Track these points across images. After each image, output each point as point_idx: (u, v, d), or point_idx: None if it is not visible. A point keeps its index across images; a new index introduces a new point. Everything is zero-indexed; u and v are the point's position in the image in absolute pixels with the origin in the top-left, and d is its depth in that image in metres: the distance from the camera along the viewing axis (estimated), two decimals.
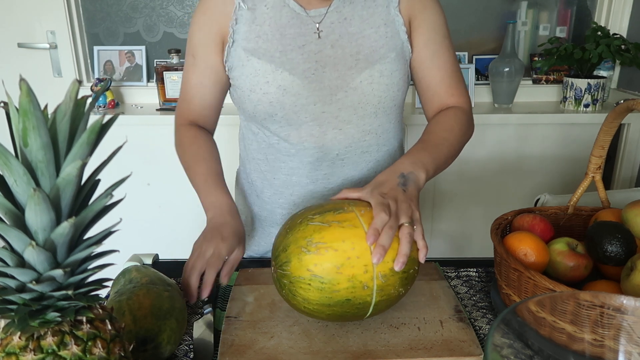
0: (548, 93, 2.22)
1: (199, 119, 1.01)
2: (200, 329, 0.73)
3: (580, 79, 2.00)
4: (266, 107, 0.92)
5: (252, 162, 1.04)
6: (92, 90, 2.07)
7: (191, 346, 0.73)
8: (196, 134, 0.99)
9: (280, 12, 0.91)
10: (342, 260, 0.64)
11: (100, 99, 2.04)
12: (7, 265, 0.48)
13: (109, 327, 0.54)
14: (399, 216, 0.69)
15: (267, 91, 0.90)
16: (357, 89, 0.91)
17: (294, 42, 0.90)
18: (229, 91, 1.01)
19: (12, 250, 0.48)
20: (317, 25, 0.91)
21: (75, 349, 0.50)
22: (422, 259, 0.69)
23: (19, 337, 0.50)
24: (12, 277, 0.48)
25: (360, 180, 0.99)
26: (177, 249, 2.09)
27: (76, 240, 0.51)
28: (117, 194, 0.51)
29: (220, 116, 1.06)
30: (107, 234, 0.52)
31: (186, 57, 0.98)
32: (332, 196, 0.99)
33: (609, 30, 2.01)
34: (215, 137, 1.04)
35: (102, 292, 0.58)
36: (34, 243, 0.46)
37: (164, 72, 2.01)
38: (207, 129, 1.03)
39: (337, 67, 0.91)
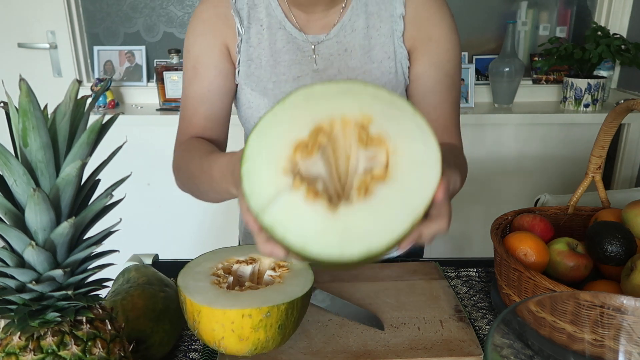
0: (548, 93, 2.22)
1: (204, 133, 0.86)
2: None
3: (580, 79, 2.00)
4: None
5: None
6: (92, 90, 2.07)
7: (192, 346, 0.73)
8: (191, 141, 0.85)
9: (275, 34, 0.84)
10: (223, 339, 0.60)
11: (100, 99, 2.04)
12: (7, 265, 0.48)
13: (109, 327, 0.54)
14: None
15: None
16: None
17: (289, 71, 0.84)
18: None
19: (12, 250, 0.48)
20: (315, 57, 0.84)
21: (75, 349, 0.50)
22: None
23: (19, 337, 0.50)
24: (12, 277, 0.48)
25: None
26: (177, 249, 2.11)
27: (76, 240, 0.51)
28: (117, 194, 0.51)
29: None
30: (107, 234, 0.52)
31: (185, 74, 0.87)
32: None
33: (609, 30, 2.01)
34: None
35: (102, 292, 0.58)
36: (33, 243, 0.46)
37: (164, 72, 2.01)
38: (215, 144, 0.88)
39: None
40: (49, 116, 0.48)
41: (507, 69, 2.01)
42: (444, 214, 0.47)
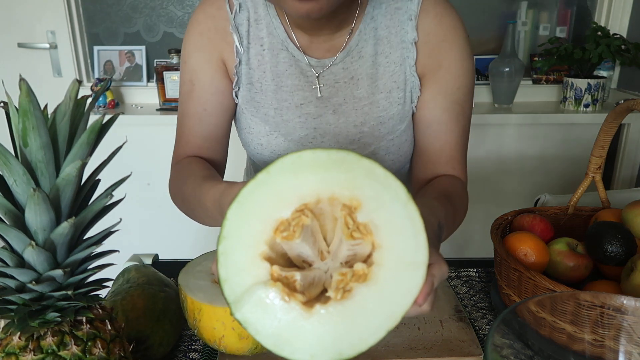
0: (548, 93, 2.22)
1: (201, 152, 0.83)
2: None
3: (580, 79, 2.00)
4: (260, 162, 0.87)
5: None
6: (92, 90, 2.07)
7: (192, 346, 0.73)
8: (186, 163, 0.80)
9: (277, 56, 0.79)
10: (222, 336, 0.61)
11: (100, 99, 2.04)
12: (7, 265, 0.48)
13: (109, 327, 0.54)
14: None
15: (261, 152, 0.84)
16: None
17: (291, 98, 0.80)
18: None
19: (12, 250, 0.48)
20: (320, 86, 0.79)
21: (75, 349, 0.50)
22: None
23: (19, 337, 0.50)
24: (12, 277, 0.48)
25: None
26: (177, 249, 2.10)
27: (76, 240, 0.51)
28: (117, 194, 0.51)
29: None
30: (107, 234, 0.52)
31: (181, 85, 0.83)
32: None
33: (609, 30, 2.01)
34: None
35: (102, 292, 0.58)
36: (33, 243, 0.46)
37: (164, 72, 2.01)
38: (214, 165, 0.84)
39: (338, 139, 0.80)
40: (49, 116, 0.48)
41: (507, 69, 2.01)
42: (427, 302, 0.44)
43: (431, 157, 0.81)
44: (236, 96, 0.83)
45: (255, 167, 0.97)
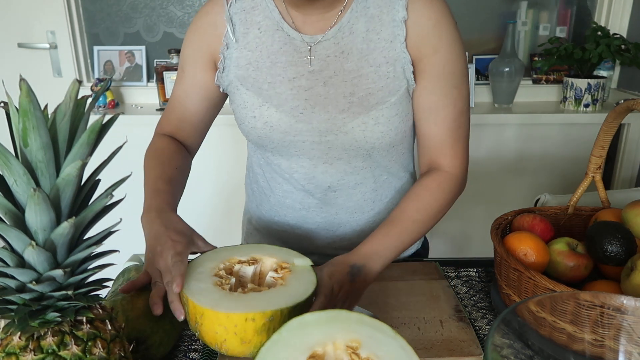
0: (548, 93, 2.22)
1: (177, 132, 0.96)
2: None
3: (580, 79, 2.00)
4: (255, 138, 0.90)
5: (254, 171, 1.01)
6: (92, 90, 2.07)
7: (192, 346, 0.73)
8: (167, 142, 0.94)
9: (272, 36, 0.85)
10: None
11: (100, 99, 2.04)
12: (7, 265, 0.48)
13: (109, 327, 0.54)
14: (335, 305, 0.68)
15: (254, 126, 0.87)
16: (348, 133, 0.85)
17: (284, 72, 0.84)
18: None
19: (12, 250, 0.48)
20: (311, 58, 0.84)
21: (75, 349, 0.50)
22: None
23: (19, 337, 0.50)
24: (12, 277, 0.48)
25: (355, 210, 0.95)
26: None
27: (76, 240, 0.51)
28: (117, 194, 0.51)
29: (221, 116, 1.02)
30: (107, 234, 0.52)
31: (177, 71, 0.96)
32: (325, 224, 0.95)
33: (609, 30, 2.01)
34: (215, 137, 0.98)
35: (102, 292, 0.58)
36: (34, 243, 0.46)
37: (164, 72, 2.01)
38: (186, 146, 0.97)
39: (328, 109, 0.84)
40: (49, 116, 0.48)
41: (507, 69, 2.01)
42: None
43: (424, 142, 0.89)
44: (222, 77, 0.90)
45: (256, 168, 0.99)
